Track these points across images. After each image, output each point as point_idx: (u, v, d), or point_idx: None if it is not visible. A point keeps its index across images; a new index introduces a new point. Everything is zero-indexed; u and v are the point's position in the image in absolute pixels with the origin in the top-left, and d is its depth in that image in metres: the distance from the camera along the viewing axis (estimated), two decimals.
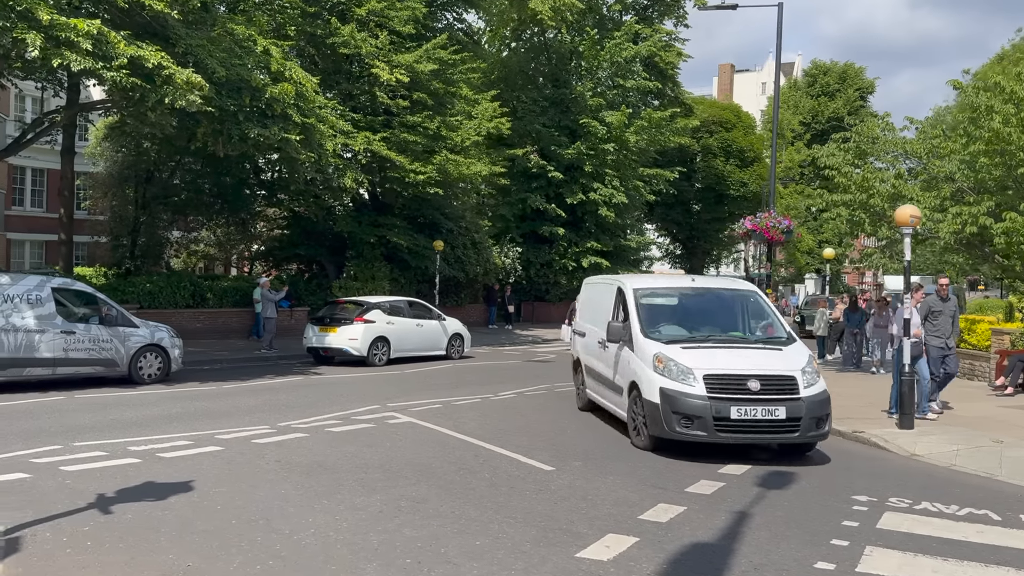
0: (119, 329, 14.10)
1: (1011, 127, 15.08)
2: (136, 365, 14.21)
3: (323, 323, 18.75)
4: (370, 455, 8.50)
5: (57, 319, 13.36)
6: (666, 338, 9.40)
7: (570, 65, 35.35)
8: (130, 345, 14.16)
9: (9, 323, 12.79)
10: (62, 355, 13.34)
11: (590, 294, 12.67)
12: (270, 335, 20.63)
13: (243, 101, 17.22)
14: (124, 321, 14.29)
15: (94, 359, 13.76)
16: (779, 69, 19.25)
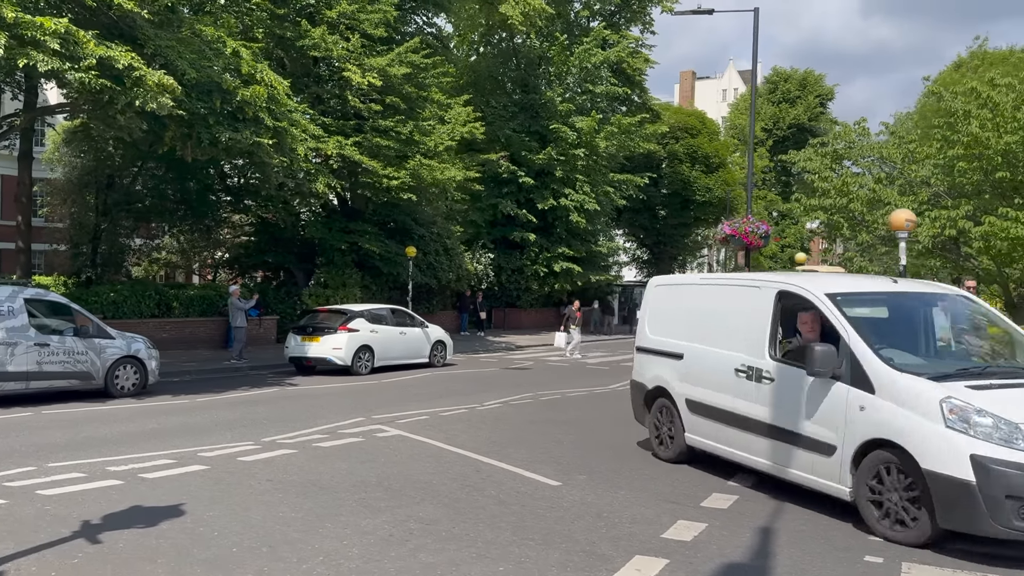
0: (94, 341, 13.62)
1: (989, 131, 15.21)
2: (112, 378, 13.74)
3: (305, 332, 18.51)
4: (366, 472, 8.12)
5: (30, 331, 12.86)
6: (932, 372, 6.47)
7: (539, 70, 35.23)
8: (106, 357, 13.68)
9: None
10: (36, 368, 12.84)
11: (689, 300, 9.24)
12: (240, 345, 20.05)
13: (214, 104, 16.70)
14: (99, 332, 13.81)
15: (69, 372, 13.24)
16: (755, 73, 19.25)
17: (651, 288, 10.01)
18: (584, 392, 15.60)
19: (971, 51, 46.76)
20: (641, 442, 9.98)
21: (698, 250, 58.11)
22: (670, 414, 8.85)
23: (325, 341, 17.97)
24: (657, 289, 9.89)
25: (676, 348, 8.84)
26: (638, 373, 9.67)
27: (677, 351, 8.81)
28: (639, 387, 9.55)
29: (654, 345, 9.33)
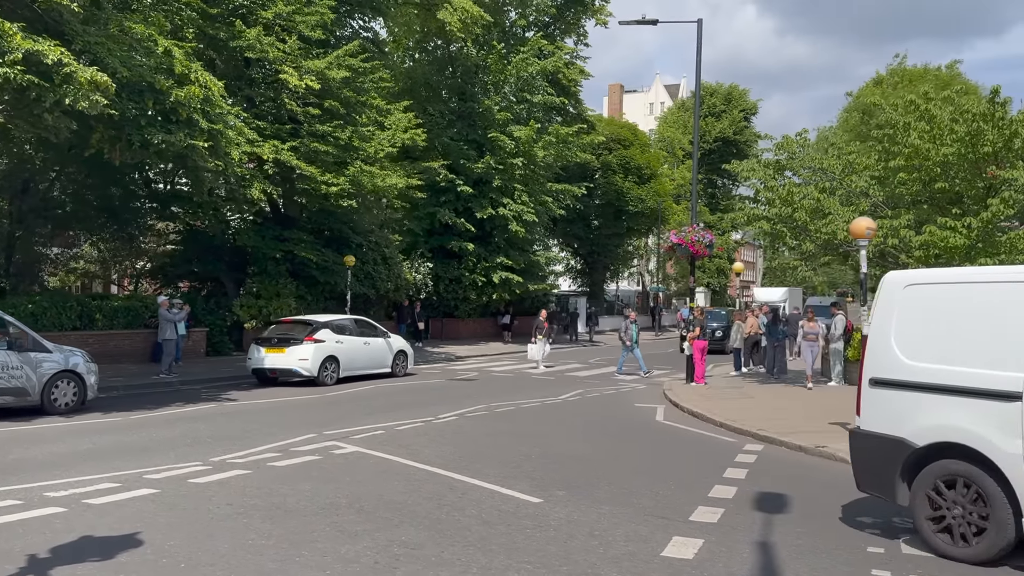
0: (30, 355, 12.72)
1: (928, 143, 15.60)
2: (49, 394, 12.85)
3: (270, 344, 18.21)
4: (332, 493, 7.63)
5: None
6: None
7: (476, 79, 34.94)
8: (42, 372, 12.79)
9: None
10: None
11: (999, 308, 5.94)
12: (169, 359, 19.09)
13: (146, 104, 15.89)
14: (35, 346, 12.91)
15: (3, 388, 12.34)
16: (699, 84, 19.43)
17: (897, 289, 6.75)
18: (537, 403, 15.31)
19: (890, 68, 48.76)
20: (607, 452, 9.74)
21: (631, 260, 58.69)
22: (976, 490, 5.78)
23: (291, 352, 17.69)
24: (914, 291, 6.61)
25: (996, 383, 5.75)
26: (880, 419, 6.67)
27: (1002, 388, 5.70)
28: (887, 443, 6.44)
29: (926, 377, 6.23)
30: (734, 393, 16.85)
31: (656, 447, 10.67)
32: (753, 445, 10.89)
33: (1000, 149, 15.44)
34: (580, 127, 36.43)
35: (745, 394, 16.66)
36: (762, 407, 14.38)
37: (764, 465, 9.38)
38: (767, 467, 9.27)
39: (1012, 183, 15.33)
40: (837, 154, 18.73)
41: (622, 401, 16.25)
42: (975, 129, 15.36)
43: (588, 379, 20.60)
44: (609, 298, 55.19)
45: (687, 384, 18.66)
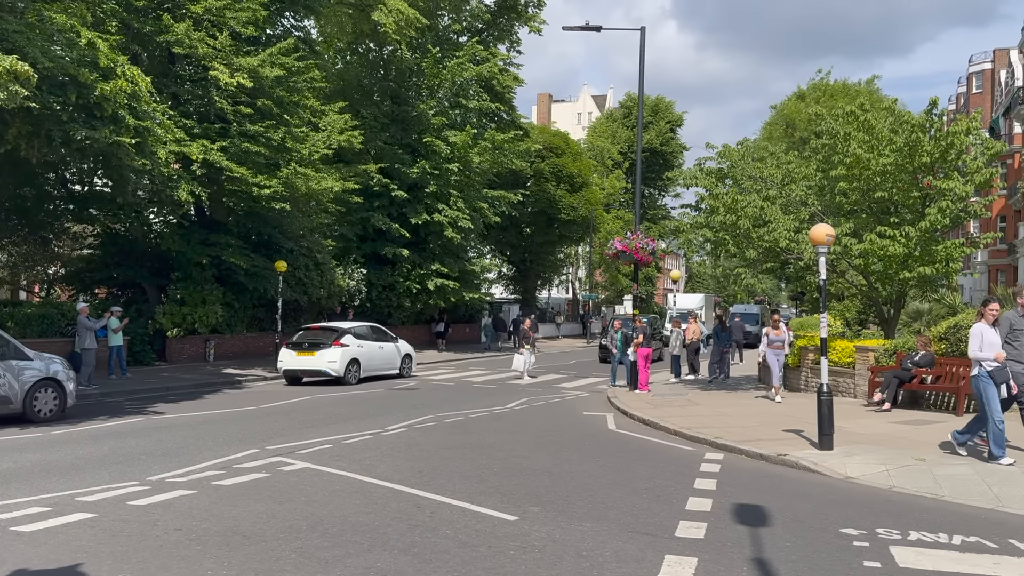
0: (12, 363, 12.67)
1: (871, 153, 15.87)
2: (31, 402, 12.80)
3: (301, 348, 20.05)
4: (290, 515, 7.06)
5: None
6: None
7: (410, 82, 34.37)
8: (24, 380, 12.73)
9: None
10: None
11: None
12: (89, 369, 17.99)
13: (68, 98, 14.91)
14: (16, 353, 12.90)
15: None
16: (642, 91, 19.39)
17: None
18: (485, 413, 14.90)
19: (812, 83, 50.29)
20: (570, 464, 9.41)
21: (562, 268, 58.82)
22: None
23: (321, 355, 19.69)
24: None
25: None
26: None
27: None
28: None
29: None
30: (680, 400, 16.78)
31: (617, 457, 10.40)
32: (713, 454, 10.73)
33: (936, 160, 15.83)
34: (516, 133, 36.21)
35: (691, 401, 16.61)
36: (712, 414, 14.31)
37: (730, 475, 9.20)
38: (734, 477, 9.09)
39: (947, 193, 15.71)
40: (776, 163, 18.94)
41: (570, 410, 15.98)
42: (913, 139, 15.71)
43: (530, 388, 20.28)
44: (541, 305, 55.15)
45: (631, 391, 18.55)
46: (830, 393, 10.55)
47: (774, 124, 48.80)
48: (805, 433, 11.90)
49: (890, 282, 16.91)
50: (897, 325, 18.49)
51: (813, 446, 10.70)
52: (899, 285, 16.94)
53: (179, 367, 23.20)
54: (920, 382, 14.41)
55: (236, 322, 26.33)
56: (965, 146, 16.33)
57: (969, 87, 64.09)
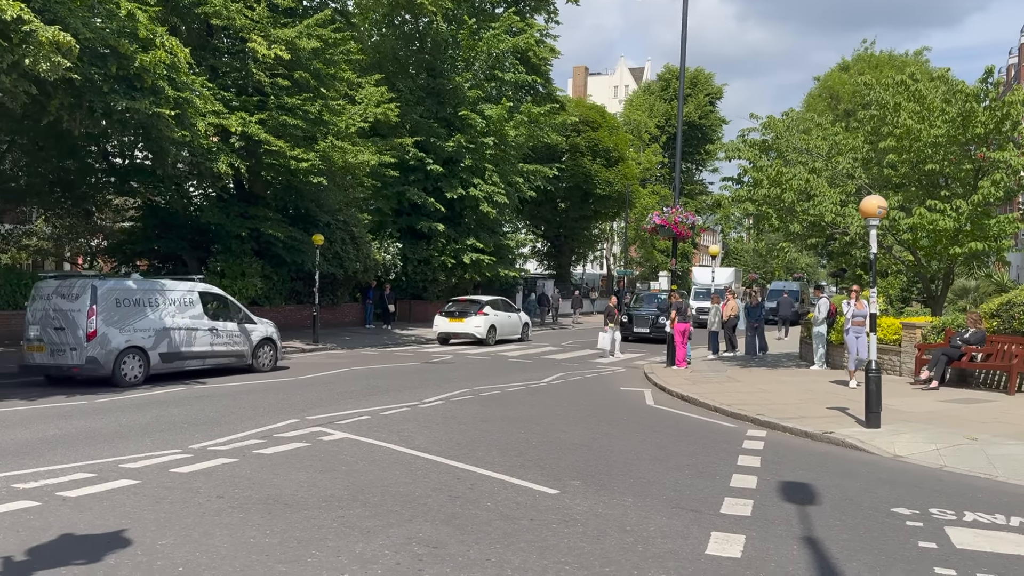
0: (245, 326, 16.28)
1: (922, 123, 15.38)
2: (257, 356, 16.42)
3: (452, 315, 25.17)
4: (331, 484, 7.05)
5: (204, 319, 15.49)
6: None
7: (446, 55, 34.10)
8: (252, 339, 16.35)
9: (174, 322, 14.84)
10: (209, 349, 15.50)
11: None
12: None
13: (109, 69, 14.96)
14: (247, 319, 16.41)
15: (230, 352, 15.93)
16: (684, 60, 18.93)
17: None
18: (521, 387, 14.83)
19: (857, 54, 49.03)
20: (609, 439, 9.30)
21: (597, 243, 58.45)
22: None
23: (468, 321, 24.70)
24: None
25: None
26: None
27: None
28: None
29: None
30: (719, 377, 16.56)
31: (657, 433, 10.26)
32: (755, 431, 10.55)
33: (991, 130, 15.28)
34: (552, 106, 35.79)
35: (730, 378, 16.37)
36: (752, 391, 14.08)
37: (775, 452, 9.02)
38: (778, 454, 8.91)
39: (1001, 165, 15.19)
40: (823, 135, 18.47)
41: (607, 384, 15.85)
42: (967, 110, 15.18)
43: (566, 362, 20.19)
44: (575, 281, 54.90)
45: (668, 367, 18.36)
46: (878, 370, 10.28)
47: (817, 96, 47.68)
48: (850, 411, 11.65)
49: (938, 258, 16.46)
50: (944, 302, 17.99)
51: (859, 424, 10.46)
52: (948, 261, 16.47)
53: None
54: (970, 360, 14.02)
55: (274, 295, 26.53)
56: (1021, 116, 15.75)
57: (1021, 58, 62.07)
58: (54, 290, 13.97)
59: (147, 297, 14.52)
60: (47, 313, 13.80)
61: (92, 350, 13.42)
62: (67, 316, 13.57)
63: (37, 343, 13.78)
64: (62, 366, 13.58)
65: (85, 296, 13.55)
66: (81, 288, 13.70)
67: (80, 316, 13.46)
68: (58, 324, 13.60)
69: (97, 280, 14.09)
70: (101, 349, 13.52)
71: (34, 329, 13.87)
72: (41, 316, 13.86)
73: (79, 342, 13.39)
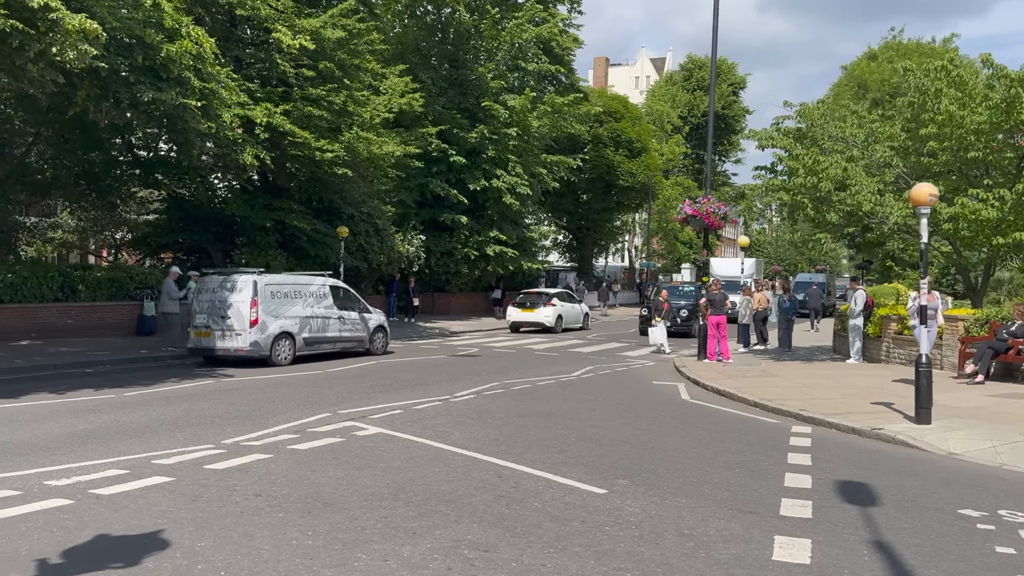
0: (364, 315, 18.60)
1: (965, 109, 14.92)
2: (372, 342, 18.70)
3: (524, 306, 27.66)
4: (371, 481, 6.83)
5: (334, 308, 17.74)
6: None
7: (468, 45, 33.78)
8: (369, 327, 18.67)
9: (312, 312, 17.13)
10: (338, 335, 17.77)
11: None
12: (175, 330, 18.01)
13: (135, 60, 14.80)
14: (365, 309, 18.78)
15: (353, 337, 18.23)
16: (715, 48, 18.56)
17: None
18: (551, 381, 14.57)
19: (885, 42, 48.16)
20: (649, 435, 9.02)
21: (619, 235, 58.00)
22: None
23: (538, 312, 27.21)
24: None
25: None
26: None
27: None
28: None
29: None
30: (753, 371, 16.22)
31: (698, 429, 9.97)
32: (800, 427, 10.23)
33: None
34: (575, 97, 35.37)
35: (765, 372, 16.02)
36: (790, 385, 13.74)
37: (824, 450, 8.70)
38: (828, 452, 8.59)
39: None
40: (858, 122, 18.01)
41: (638, 378, 15.56)
42: (1012, 95, 14.69)
43: (593, 355, 19.90)
44: (597, 273, 54.51)
45: (699, 360, 18.03)
46: (929, 364, 9.93)
47: (844, 85, 46.84)
48: (896, 406, 11.29)
49: (980, 248, 16.00)
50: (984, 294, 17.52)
51: (908, 420, 10.11)
52: (990, 252, 16.00)
53: None
54: (1017, 353, 13.59)
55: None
56: None
57: None
58: (219, 284, 16.20)
59: (293, 290, 16.85)
60: (213, 304, 16.02)
61: (255, 335, 15.74)
62: (232, 306, 15.80)
63: (204, 329, 16.05)
64: (229, 348, 15.78)
65: (248, 289, 15.84)
66: (244, 282, 15.96)
67: (244, 306, 15.71)
68: (223, 313, 15.82)
69: (257, 275, 16.29)
70: (261, 334, 15.84)
71: (201, 317, 16.12)
72: (208, 306, 16.07)
73: (244, 328, 15.67)
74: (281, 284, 16.70)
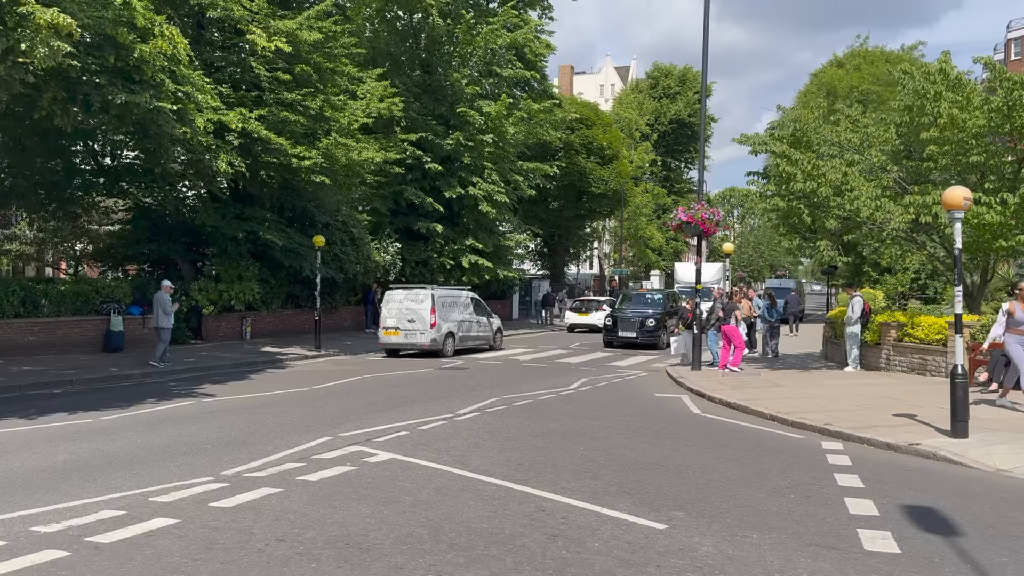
0: (489, 319, 23.42)
1: (966, 112, 14.68)
2: (494, 340, 23.63)
3: (580, 311, 33.01)
4: (402, 519, 6.13)
5: (474, 315, 22.68)
6: None
7: (441, 50, 33.10)
8: (493, 329, 23.57)
9: (462, 316, 22.03)
10: (477, 334, 22.74)
11: None
12: (164, 346, 17.17)
13: (106, 60, 13.91)
14: (489, 314, 23.52)
15: (484, 337, 23.20)
16: (706, 52, 18.15)
17: None
18: (552, 395, 13.96)
19: (851, 50, 48.58)
20: (680, 456, 8.45)
21: (590, 242, 57.66)
22: None
23: (593, 315, 31.79)
24: None
25: None
26: None
27: None
28: None
29: None
30: (756, 381, 15.77)
31: (728, 448, 9.42)
32: (829, 443, 9.74)
33: None
34: (552, 103, 34.89)
35: (769, 382, 15.59)
36: (801, 396, 13.30)
37: (868, 469, 8.21)
38: (874, 472, 8.10)
39: None
40: (852, 126, 17.76)
41: (639, 390, 15.03)
42: (1014, 99, 14.49)
43: (583, 366, 19.35)
44: (569, 281, 54.09)
45: (693, 370, 17.57)
46: (965, 375, 9.51)
47: (812, 92, 47.11)
48: (919, 417, 10.90)
49: (980, 252, 15.78)
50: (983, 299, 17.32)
51: (942, 434, 9.69)
52: (991, 256, 15.80)
53: (216, 345, 22.41)
54: None
55: (271, 299, 25.49)
56: None
57: (1007, 53, 62.09)
58: (404, 296, 21.14)
59: (452, 300, 21.88)
60: (401, 311, 20.91)
61: (433, 334, 20.71)
62: (417, 312, 20.73)
63: (394, 330, 20.97)
64: (414, 344, 20.86)
65: (428, 300, 20.80)
66: (425, 295, 20.93)
67: (426, 312, 20.70)
68: (411, 318, 20.75)
69: (433, 290, 21.31)
70: (437, 333, 20.74)
71: (391, 320, 20.99)
72: (396, 312, 20.98)
73: (426, 329, 20.63)
74: (446, 296, 21.71)
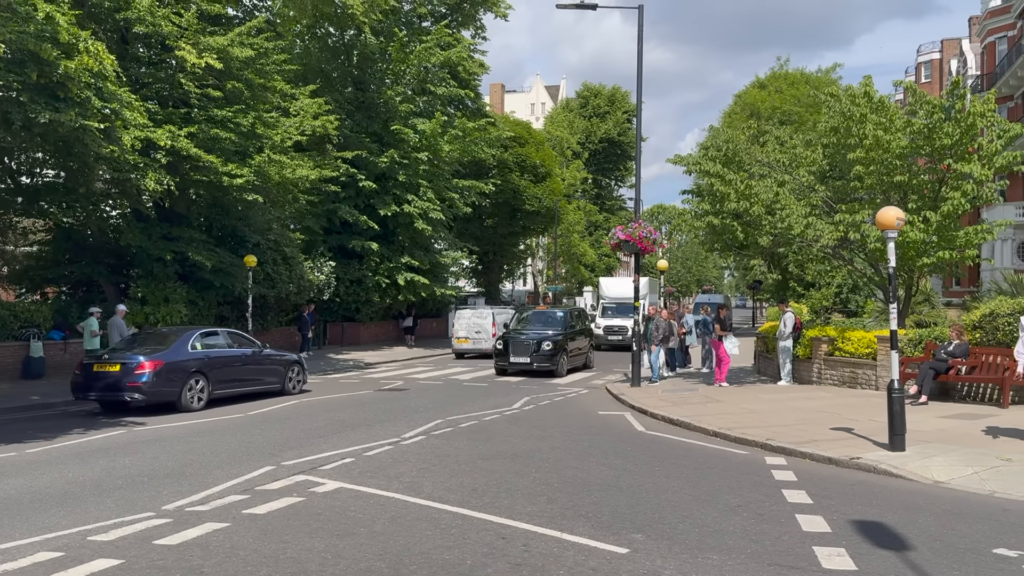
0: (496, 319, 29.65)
1: (890, 134, 15.27)
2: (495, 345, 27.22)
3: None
4: (359, 553, 5.96)
5: None
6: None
7: (374, 68, 32.91)
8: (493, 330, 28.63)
9: None
10: None
11: None
12: None
13: (29, 77, 13.35)
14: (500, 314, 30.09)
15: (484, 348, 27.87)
16: (640, 74, 18.48)
17: None
18: (496, 415, 13.90)
19: (772, 72, 50.20)
20: (631, 476, 8.48)
21: (524, 259, 57.90)
22: None
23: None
24: None
25: None
26: None
27: None
28: None
29: None
30: (695, 396, 16.01)
31: (675, 466, 9.49)
32: (772, 458, 9.93)
33: (956, 142, 15.29)
34: (486, 121, 35.00)
35: (708, 397, 15.84)
36: (741, 412, 13.54)
37: (813, 484, 8.38)
38: (819, 487, 8.26)
39: (967, 177, 15.22)
40: (780, 148, 18.28)
41: (582, 409, 15.09)
42: (935, 121, 15.16)
43: (523, 385, 19.34)
44: (504, 298, 54.17)
45: (632, 387, 17.75)
46: (902, 390, 9.84)
47: (736, 113, 48.48)
48: (856, 431, 11.22)
49: (904, 269, 16.39)
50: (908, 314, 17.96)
51: (879, 447, 9.98)
52: (915, 272, 16.43)
53: None
54: (956, 373, 13.86)
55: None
56: (980, 129, 15.87)
57: (918, 77, 65.13)
58: (472, 313, 29.01)
59: (501, 315, 29.02)
60: (470, 324, 28.34)
61: (492, 341, 24.81)
62: (481, 325, 28.14)
63: (464, 338, 28.27)
64: (481, 349, 27.63)
65: (490, 316, 28.43)
66: (487, 313, 28.87)
67: (487, 325, 28.01)
68: (477, 330, 28.11)
69: (492, 308, 30.30)
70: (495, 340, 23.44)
71: (462, 330, 28.33)
72: (466, 325, 28.36)
73: (488, 339, 27.06)
74: (499, 312, 29.55)
